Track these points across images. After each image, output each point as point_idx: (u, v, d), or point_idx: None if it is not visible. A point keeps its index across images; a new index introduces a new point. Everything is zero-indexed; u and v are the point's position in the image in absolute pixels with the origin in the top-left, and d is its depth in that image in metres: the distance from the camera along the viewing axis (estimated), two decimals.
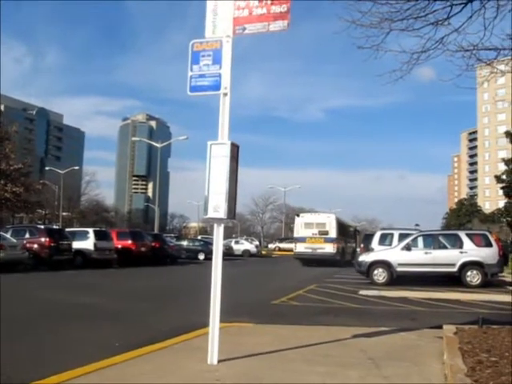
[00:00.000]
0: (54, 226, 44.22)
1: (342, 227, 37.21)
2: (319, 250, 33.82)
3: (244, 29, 6.12)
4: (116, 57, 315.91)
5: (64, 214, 78.59)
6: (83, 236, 28.64)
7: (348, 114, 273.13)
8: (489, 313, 11.49)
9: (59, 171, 75.11)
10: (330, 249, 33.77)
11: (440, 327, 8.10)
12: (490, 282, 19.61)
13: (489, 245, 19.67)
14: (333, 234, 34.46)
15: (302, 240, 34.87)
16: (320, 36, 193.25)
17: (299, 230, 35.59)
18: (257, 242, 62.26)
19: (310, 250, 34.15)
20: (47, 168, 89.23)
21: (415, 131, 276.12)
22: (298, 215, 38.14)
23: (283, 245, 75.80)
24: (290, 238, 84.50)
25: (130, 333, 8.67)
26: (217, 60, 6.11)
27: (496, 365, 5.41)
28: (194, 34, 6.56)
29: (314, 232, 34.63)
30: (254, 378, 5.44)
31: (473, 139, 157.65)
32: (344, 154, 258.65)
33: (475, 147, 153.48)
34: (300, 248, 34.95)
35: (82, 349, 7.31)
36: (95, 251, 27.98)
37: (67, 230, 32.07)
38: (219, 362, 5.90)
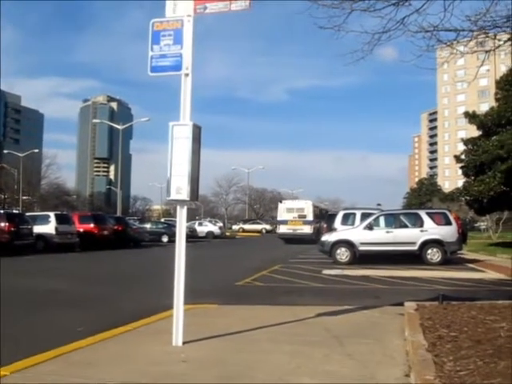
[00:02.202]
0: (14, 211, 43.26)
1: (316, 211, 41.76)
2: (299, 231, 38.84)
3: (205, 8, 6.03)
4: (73, 35, 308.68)
5: (24, 197, 77.03)
6: (44, 220, 28.21)
7: (311, 94, 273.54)
8: (449, 289, 11.76)
9: (18, 154, 73.49)
10: (307, 230, 38.40)
11: (401, 304, 8.25)
12: (450, 259, 20.06)
13: (448, 223, 20.07)
14: (310, 217, 39.56)
15: (285, 222, 40.19)
16: (283, 16, 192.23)
17: (282, 214, 40.89)
18: (221, 224, 62.10)
19: (291, 231, 39.24)
20: (6, 151, 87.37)
21: (377, 111, 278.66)
22: (280, 201, 44.70)
23: (247, 226, 75.93)
24: (253, 220, 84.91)
25: (93, 317, 8.60)
26: (178, 40, 6.02)
27: (455, 339, 5.55)
28: (155, 12, 6.45)
29: (294, 216, 39.88)
30: (219, 358, 5.46)
31: (433, 120, 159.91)
32: (307, 134, 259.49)
33: (435, 127, 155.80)
34: (283, 229, 40.23)
35: (45, 334, 7.23)
36: (57, 235, 27.61)
37: (28, 214, 31.54)
38: (184, 343, 5.91)
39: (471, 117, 30.78)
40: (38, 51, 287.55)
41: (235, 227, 78.22)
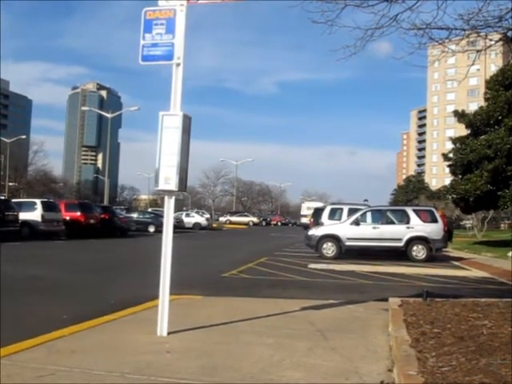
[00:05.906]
0: (0, 197, 42.98)
1: None
2: None
3: None
4: (62, 20, 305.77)
5: (10, 184, 76.53)
6: (30, 207, 27.98)
7: (301, 88, 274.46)
8: (433, 286, 11.85)
9: (5, 140, 72.85)
10: None
11: (386, 300, 8.28)
12: (435, 256, 20.20)
13: (434, 221, 20.19)
14: None
15: (305, 216, 58.50)
16: (275, 8, 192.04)
17: (303, 211, 64.08)
18: (208, 215, 61.94)
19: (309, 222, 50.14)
20: None
21: (367, 107, 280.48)
22: (303, 202, 69.61)
23: (234, 218, 75.80)
24: (241, 212, 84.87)
25: (78, 305, 8.57)
26: (170, 29, 5.97)
27: (439, 336, 5.58)
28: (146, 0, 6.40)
29: (311, 212, 53.99)
30: (203, 349, 5.47)
31: (422, 117, 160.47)
32: (296, 128, 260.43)
33: (424, 125, 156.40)
34: (304, 220, 59.22)
35: (30, 321, 7.19)
36: (43, 223, 27.42)
37: (13, 200, 31.26)
38: (169, 333, 5.91)
39: (460, 116, 30.93)
40: (26, 35, 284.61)
41: (222, 219, 78.08)
